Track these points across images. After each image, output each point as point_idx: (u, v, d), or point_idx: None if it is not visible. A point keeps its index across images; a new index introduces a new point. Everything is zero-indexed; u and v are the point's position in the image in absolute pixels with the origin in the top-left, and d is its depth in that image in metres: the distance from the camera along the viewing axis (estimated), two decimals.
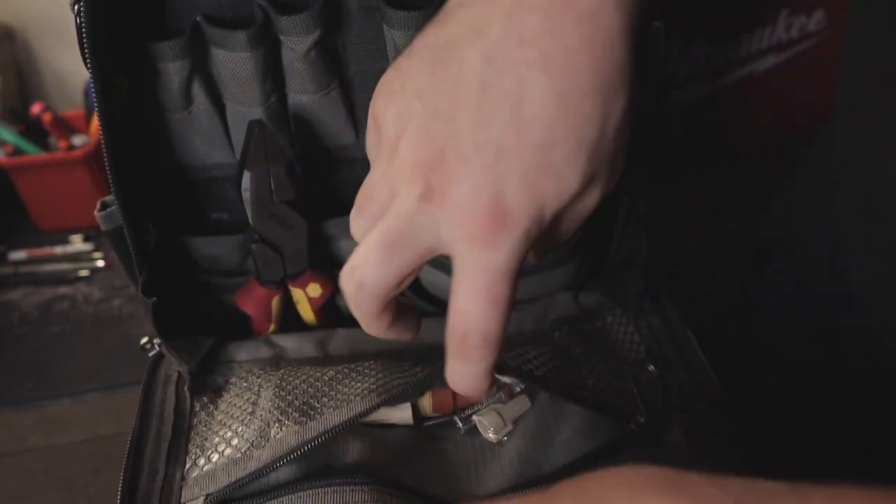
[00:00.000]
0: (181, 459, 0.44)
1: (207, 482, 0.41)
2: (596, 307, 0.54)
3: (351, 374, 0.44)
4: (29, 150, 0.80)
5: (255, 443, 0.42)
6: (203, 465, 0.43)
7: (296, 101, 0.49)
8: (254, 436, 0.42)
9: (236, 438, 0.43)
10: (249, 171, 0.46)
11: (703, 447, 0.44)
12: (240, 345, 0.52)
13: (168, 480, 0.42)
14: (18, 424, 0.65)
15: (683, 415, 0.46)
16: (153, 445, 0.44)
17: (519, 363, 0.45)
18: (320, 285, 0.53)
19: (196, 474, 0.42)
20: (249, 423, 0.43)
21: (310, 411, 0.42)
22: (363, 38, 0.48)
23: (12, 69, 0.88)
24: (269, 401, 0.44)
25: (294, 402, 0.43)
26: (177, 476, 0.43)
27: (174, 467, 0.43)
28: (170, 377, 0.48)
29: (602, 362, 0.48)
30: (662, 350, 0.49)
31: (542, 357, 0.46)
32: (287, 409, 0.43)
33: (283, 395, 0.44)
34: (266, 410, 0.43)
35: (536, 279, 0.55)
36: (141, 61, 0.45)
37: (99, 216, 0.46)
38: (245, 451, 0.41)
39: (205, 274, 0.53)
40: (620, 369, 0.49)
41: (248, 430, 0.43)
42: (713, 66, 0.80)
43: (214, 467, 0.42)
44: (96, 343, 0.72)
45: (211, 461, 0.42)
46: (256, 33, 0.44)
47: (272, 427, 0.42)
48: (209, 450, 0.43)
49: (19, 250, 0.82)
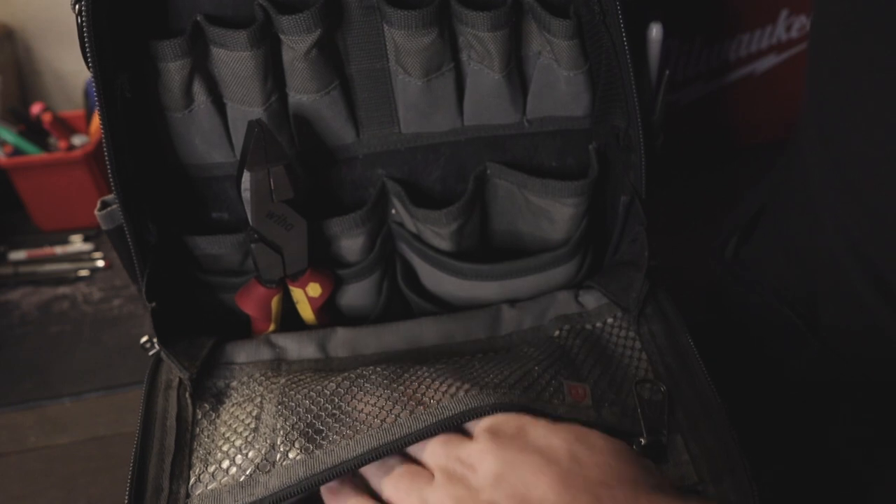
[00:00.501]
0: (185, 474, 0.43)
1: (212, 503, 0.41)
2: (596, 307, 0.54)
3: (352, 389, 0.44)
4: (29, 150, 0.80)
5: (261, 466, 0.42)
6: (207, 483, 0.42)
7: (296, 100, 0.49)
8: (258, 457, 0.42)
9: (240, 457, 0.43)
10: (249, 171, 0.46)
11: (705, 464, 0.44)
12: (239, 345, 0.52)
13: (172, 497, 0.42)
14: (18, 424, 0.65)
15: (688, 433, 0.45)
16: (156, 461, 0.44)
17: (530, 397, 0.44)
18: (320, 285, 0.53)
19: (200, 491, 0.42)
20: (253, 442, 0.43)
21: (315, 436, 0.42)
22: (363, 37, 0.48)
23: (12, 69, 0.88)
24: (272, 417, 0.44)
25: (298, 423, 0.43)
26: (181, 493, 0.42)
27: (178, 484, 0.43)
28: (170, 382, 0.48)
29: (605, 375, 0.48)
30: (665, 362, 0.49)
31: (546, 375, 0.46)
32: (291, 431, 0.43)
33: (287, 413, 0.44)
34: (270, 428, 0.43)
35: (537, 278, 0.55)
36: (141, 61, 0.45)
37: (99, 215, 0.46)
38: (250, 474, 0.41)
39: (205, 273, 0.53)
40: (623, 381, 0.48)
41: (253, 450, 0.43)
42: (713, 66, 0.80)
43: (219, 487, 0.42)
44: (96, 343, 0.72)
45: (216, 479, 0.42)
46: (257, 32, 0.44)
47: (277, 451, 0.42)
48: (212, 465, 0.43)
49: (19, 250, 0.82)
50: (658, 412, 0.46)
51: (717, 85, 0.81)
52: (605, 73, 0.49)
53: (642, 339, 0.50)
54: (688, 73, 0.79)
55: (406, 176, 0.54)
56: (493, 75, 0.49)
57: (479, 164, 0.54)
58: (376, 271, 0.55)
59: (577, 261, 0.56)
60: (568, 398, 0.45)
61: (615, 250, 0.56)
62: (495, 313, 0.54)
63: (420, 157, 0.53)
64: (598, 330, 0.52)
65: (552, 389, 0.45)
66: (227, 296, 0.54)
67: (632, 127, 0.47)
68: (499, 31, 0.46)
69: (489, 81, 0.49)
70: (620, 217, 0.53)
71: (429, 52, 0.47)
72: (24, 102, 0.87)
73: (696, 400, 0.46)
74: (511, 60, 0.49)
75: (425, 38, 0.46)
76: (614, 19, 0.44)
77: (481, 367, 0.47)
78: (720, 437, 0.44)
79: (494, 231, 0.57)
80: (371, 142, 0.52)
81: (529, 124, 0.52)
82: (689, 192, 0.79)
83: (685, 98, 0.81)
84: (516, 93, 0.51)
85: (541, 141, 0.53)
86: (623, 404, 0.46)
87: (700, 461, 0.44)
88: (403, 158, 0.53)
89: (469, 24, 0.46)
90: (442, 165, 0.54)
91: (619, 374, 0.48)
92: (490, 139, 0.53)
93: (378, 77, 0.50)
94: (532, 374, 0.46)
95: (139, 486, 0.42)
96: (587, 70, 0.49)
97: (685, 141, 0.83)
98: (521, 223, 0.56)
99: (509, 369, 0.46)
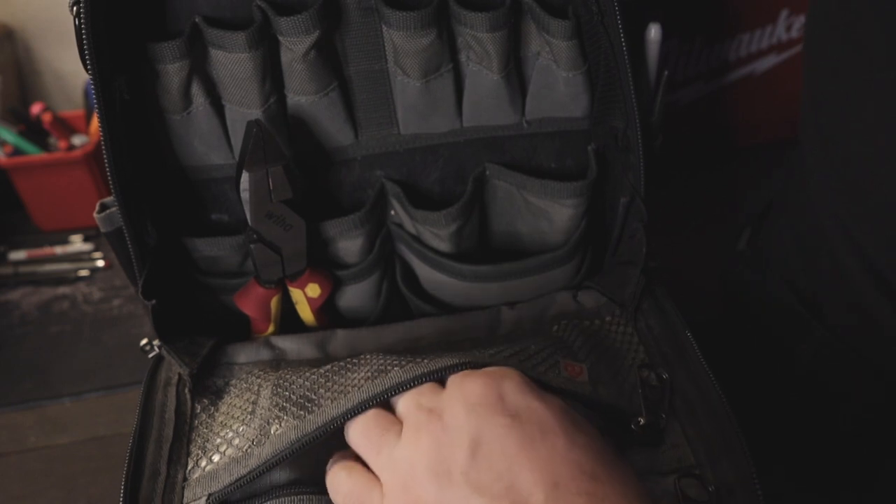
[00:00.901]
0: (183, 461, 0.44)
1: (209, 482, 0.41)
2: (595, 306, 0.54)
3: (347, 366, 0.44)
4: (29, 150, 0.80)
5: (256, 440, 0.42)
6: (205, 466, 0.43)
7: (294, 101, 0.49)
8: (254, 434, 0.42)
9: (238, 438, 0.43)
10: (248, 171, 0.46)
11: (702, 447, 0.44)
12: (239, 347, 0.52)
13: (170, 481, 0.42)
14: (18, 424, 0.65)
15: (684, 418, 0.45)
16: (154, 447, 0.44)
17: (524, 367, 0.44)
18: (319, 285, 0.53)
19: (198, 475, 0.42)
20: (250, 423, 0.43)
21: (307, 404, 0.42)
22: (362, 39, 0.48)
23: (12, 69, 0.88)
24: (268, 399, 0.44)
25: (291, 397, 0.43)
26: (178, 477, 0.43)
27: (176, 468, 0.43)
28: (170, 379, 0.48)
29: (601, 360, 0.48)
30: (662, 352, 0.49)
31: (543, 353, 0.46)
32: (285, 405, 0.42)
33: (282, 392, 0.44)
34: (265, 409, 0.43)
35: (536, 279, 0.55)
36: (140, 63, 0.45)
37: (98, 218, 0.46)
38: (246, 450, 0.41)
39: (204, 275, 0.53)
40: (620, 366, 0.48)
41: (249, 430, 0.43)
42: (713, 66, 0.80)
43: (216, 467, 0.42)
44: (96, 343, 0.72)
45: (213, 461, 0.43)
46: (255, 34, 0.44)
47: (272, 425, 0.42)
48: (211, 451, 0.43)
49: (19, 250, 0.82)
50: (658, 395, 0.46)
51: (717, 85, 0.81)
52: (603, 74, 0.49)
53: (640, 334, 0.51)
54: (688, 74, 0.79)
55: (405, 177, 0.54)
56: (491, 76, 0.49)
57: (478, 166, 0.54)
58: (375, 273, 0.55)
59: (577, 262, 0.56)
60: (563, 373, 0.44)
61: (614, 251, 0.56)
62: (495, 314, 0.54)
63: (419, 158, 0.53)
64: (596, 326, 0.52)
65: (548, 365, 0.45)
66: (226, 297, 0.54)
67: (630, 128, 0.47)
68: (497, 31, 0.46)
69: (488, 82, 0.49)
70: (619, 218, 0.53)
71: (427, 54, 0.47)
72: (24, 102, 0.87)
73: (692, 386, 0.46)
74: (510, 61, 0.49)
75: (424, 40, 0.46)
76: (612, 20, 0.44)
77: (477, 350, 0.47)
78: (717, 422, 0.44)
79: (493, 232, 0.57)
80: (370, 143, 0.52)
81: (528, 125, 0.52)
82: (688, 192, 0.79)
83: (685, 98, 0.81)
84: (515, 94, 0.51)
85: (540, 142, 0.53)
86: (620, 387, 0.46)
87: (696, 444, 0.44)
88: (402, 160, 0.53)
89: (468, 24, 0.46)
90: (441, 167, 0.54)
91: (617, 361, 0.49)
92: (489, 140, 0.53)
93: (377, 78, 0.50)
94: (528, 350, 0.45)
95: (136, 469, 0.43)
96: (586, 71, 0.49)
97: (685, 141, 0.83)
98: (521, 224, 0.56)
99: (508, 350, 0.46)
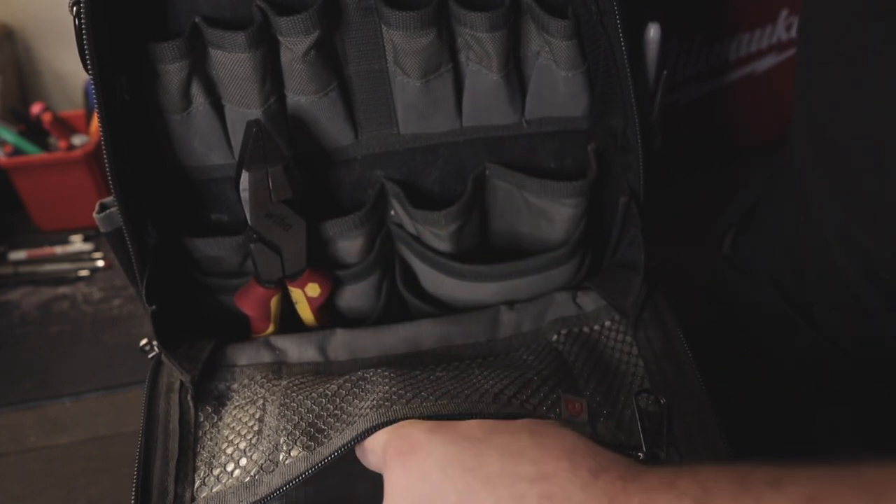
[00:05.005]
0: (189, 477, 0.44)
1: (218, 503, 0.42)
2: (594, 309, 0.54)
3: (353, 391, 0.44)
4: (29, 150, 0.80)
5: (265, 467, 0.42)
6: (212, 486, 0.43)
7: (294, 101, 0.49)
8: (262, 458, 0.42)
9: (244, 459, 0.43)
10: (248, 171, 0.46)
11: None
12: (240, 348, 0.52)
13: (178, 502, 0.42)
14: (18, 424, 0.65)
15: (683, 446, 0.45)
16: (161, 464, 0.44)
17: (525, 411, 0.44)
18: (319, 285, 0.53)
19: (206, 494, 0.42)
20: (257, 445, 0.43)
21: (317, 434, 0.42)
22: (362, 39, 0.48)
23: (12, 69, 0.88)
24: (275, 419, 0.44)
25: (300, 423, 0.43)
26: (186, 496, 0.43)
27: (183, 486, 0.43)
28: (172, 385, 0.48)
29: (602, 383, 0.48)
30: (661, 370, 0.48)
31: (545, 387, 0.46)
32: (294, 431, 0.43)
33: (289, 414, 0.44)
34: (273, 430, 0.44)
35: (536, 279, 0.55)
36: (140, 63, 0.45)
37: (98, 218, 0.46)
38: (254, 475, 0.42)
39: (204, 275, 0.53)
40: (620, 390, 0.48)
41: (257, 452, 0.43)
42: (713, 66, 0.80)
43: (224, 489, 0.42)
44: (96, 343, 0.72)
45: (220, 482, 0.43)
46: (255, 34, 0.44)
47: (280, 451, 0.42)
48: (217, 468, 0.43)
49: (19, 250, 0.82)
50: (657, 425, 0.45)
51: (717, 85, 0.81)
52: (603, 74, 0.49)
53: (639, 345, 0.50)
54: (687, 73, 0.79)
55: (405, 177, 0.54)
56: (491, 76, 0.49)
57: (478, 165, 0.54)
58: (375, 273, 0.55)
59: (577, 261, 0.56)
60: (565, 413, 0.45)
61: (614, 251, 0.56)
62: (494, 315, 0.54)
63: (419, 158, 0.53)
64: (595, 333, 0.52)
65: (550, 403, 0.45)
66: (226, 297, 0.54)
67: (629, 128, 0.48)
68: (497, 31, 0.46)
69: (488, 82, 0.49)
70: (619, 218, 0.53)
71: (427, 53, 0.47)
72: (24, 102, 0.87)
73: (691, 412, 0.46)
74: (509, 61, 0.49)
75: (423, 39, 0.46)
76: (612, 19, 0.44)
77: (480, 373, 0.47)
78: (715, 452, 0.44)
79: (494, 232, 0.57)
80: (370, 143, 0.52)
81: (528, 125, 0.52)
82: (688, 192, 0.79)
83: (684, 98, 0.81)
84: (515, 93, 0.51)
85: (539, 142, 0.54)
86: (619, 417, 0.46)
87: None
88: (402, 159, 0.53)
89: (467, 24, 0.46)
90: (441, 166, 0.54)
91: (616, 384, 0.48)
92: (489, 140, 0.53)
93: (376, 78, 0.50)
94: (531, 385, 0.46)
95: (144, 489, 0.43)
96: (585, 70, 0.49)
97: (684, 141, 0.82)
98: (521, 224, 0.56)
99: (509, 378, 0.46)
